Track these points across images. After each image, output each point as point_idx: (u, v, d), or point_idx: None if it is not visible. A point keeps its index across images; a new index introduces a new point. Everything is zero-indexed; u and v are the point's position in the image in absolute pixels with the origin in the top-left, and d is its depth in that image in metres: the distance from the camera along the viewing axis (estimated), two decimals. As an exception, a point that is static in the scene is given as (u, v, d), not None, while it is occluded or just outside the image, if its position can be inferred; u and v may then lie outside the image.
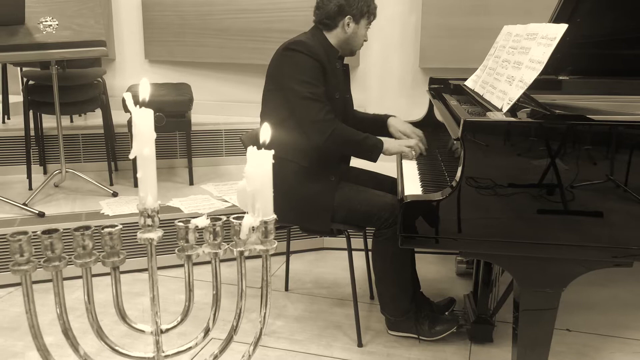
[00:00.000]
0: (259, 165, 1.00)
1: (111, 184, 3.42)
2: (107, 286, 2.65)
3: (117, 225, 1.02)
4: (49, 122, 3.61)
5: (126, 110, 3.28)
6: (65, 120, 3.91)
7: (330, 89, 2.17)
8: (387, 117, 2.45)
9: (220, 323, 1.19)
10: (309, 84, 2.09)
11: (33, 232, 0.98)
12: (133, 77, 4.22)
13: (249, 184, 1.01)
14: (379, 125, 2.43)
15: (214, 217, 1.05)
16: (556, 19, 2.19)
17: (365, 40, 2.31)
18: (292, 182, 2.14)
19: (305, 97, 2.09)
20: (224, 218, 1.08)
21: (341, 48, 2.27)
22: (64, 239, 1.00)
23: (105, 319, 1.14)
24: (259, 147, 1.03)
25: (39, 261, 1.00)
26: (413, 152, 2.22)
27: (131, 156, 0.98)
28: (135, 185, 3.40)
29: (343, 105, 2.32)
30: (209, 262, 1.11)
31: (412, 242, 1.70)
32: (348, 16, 2.20)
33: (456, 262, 2.83)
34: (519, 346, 1.75)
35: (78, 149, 3.70)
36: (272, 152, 1.05)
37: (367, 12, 2.23)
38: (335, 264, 2.99)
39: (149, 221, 1.01)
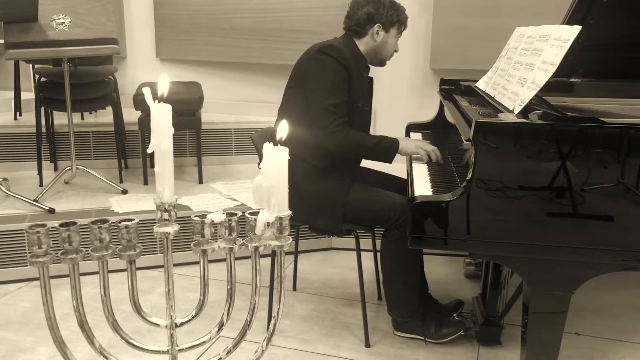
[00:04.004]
0: (275, 162, 1.01)
1: (121, 182, 3.44)
2: (114, 283, 2.66)
3: (133, 219, 1.03)
4: (60, 119, 3.64)
5: (137, 108, 3.31)
6: (76, 118, 3.93)
7: (353, 97, 2.17)
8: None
9: (229, 321, 1.19)
10: (332, 93, 2.09)
11: (52, 225, 0.99)
12: (144, 75, 4.24)
13: (265, 179, 1.01)
14: None
15: (229, 213, 1.06)
16: (569, 21, 2.19)
17: (395, 51, 2.31)
18: (305, 181, 2.15)
19: (324, 108, 2.08)
20: (240, 213, 1.08)
21: (370, 57, 2.27)
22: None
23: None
24: (275, 144, 1.04)
25: (56, 254, 1.01)
26: (428, 155, 2.20)
27: (149, 150, 0.99)
28: (145, 183, 3.42)
29: (364, 114, 2.31)
30: (214, 261, 1.11)
31: (421, 242, 1.70)
32: (377, 24, 2.20)
33: (465, 264, 2.83)
34: (527, 349, 1.74)
35: (88, 146, 3.73)
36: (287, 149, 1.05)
37: (397, 22, 2.23)
38: (344, 264, 2.99)
39: (165, 215, 1.02)
